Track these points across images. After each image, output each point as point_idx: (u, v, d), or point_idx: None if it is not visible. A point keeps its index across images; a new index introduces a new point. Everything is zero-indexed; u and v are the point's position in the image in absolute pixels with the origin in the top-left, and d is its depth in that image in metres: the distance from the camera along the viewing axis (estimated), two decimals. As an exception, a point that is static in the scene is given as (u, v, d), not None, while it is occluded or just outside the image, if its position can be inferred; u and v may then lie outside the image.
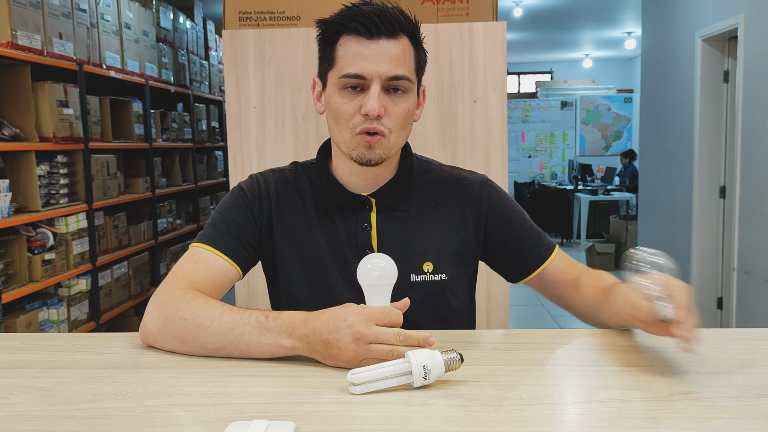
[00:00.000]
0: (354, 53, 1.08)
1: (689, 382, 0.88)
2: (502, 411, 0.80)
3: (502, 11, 6.83)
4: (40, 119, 3.09)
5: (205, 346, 1.00)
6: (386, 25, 1.07)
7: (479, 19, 2.07)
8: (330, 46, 1.12)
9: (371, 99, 1.07)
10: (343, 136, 1.12)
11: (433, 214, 1.20)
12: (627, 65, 11.24)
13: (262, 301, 1.92)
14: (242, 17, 2.07)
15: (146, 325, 1.05)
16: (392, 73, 1.08)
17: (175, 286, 1.08)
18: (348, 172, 1.19)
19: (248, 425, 0.73)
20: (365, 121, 1.09)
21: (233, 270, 1.15)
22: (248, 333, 0.97)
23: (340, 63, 1.09)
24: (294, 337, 0.95)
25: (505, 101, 2.03)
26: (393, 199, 1.19)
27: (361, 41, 1.08)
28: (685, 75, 4.49)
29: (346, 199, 1.18)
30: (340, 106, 1.10)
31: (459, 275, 1.21)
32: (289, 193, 1.21)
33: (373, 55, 1.07)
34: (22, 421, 0.79)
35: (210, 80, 5.74)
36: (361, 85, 1.09)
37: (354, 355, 0.90)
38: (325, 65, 1.14)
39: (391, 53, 1.08)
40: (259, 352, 0.97)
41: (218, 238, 1.15)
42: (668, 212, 4.85)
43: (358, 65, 1.07)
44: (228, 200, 1.21)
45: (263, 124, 2.03)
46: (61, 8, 3.25)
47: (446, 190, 1.23)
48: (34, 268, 3.02)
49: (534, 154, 10.37)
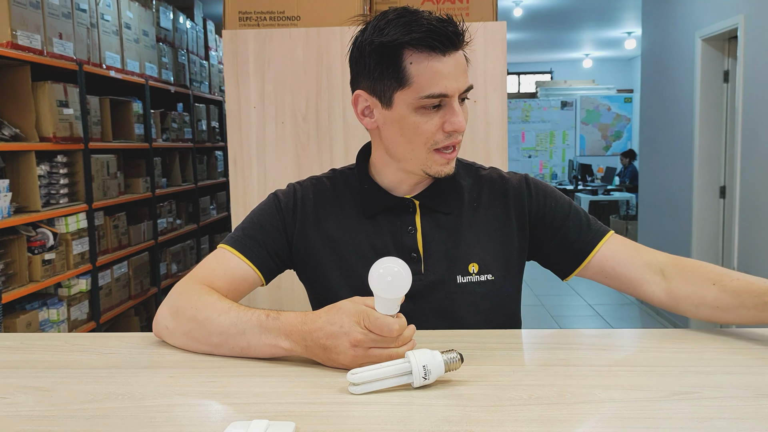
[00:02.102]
0: (434, 72, 1.04)
1: (689, 382, 0.88)
2: (502, 411, 0.80)
3: (502, 11, 6.83)
4: (40, 119, 3.09)
5: (210, 339, 1.00)
6: (459, 37, 1.06)
7: (479, 19, 2.07)
8: (393, 62, 1.06)
9: (458, 116, 1.06)
10: (417, 154, 1.10)
11: (476, 216, 1.20)
12: (627, 65, 11.24)
13: (262, 300, 1.93)
14: (242, 17, 2.07)
15: (159, 314, 1.08)
16: (466, 86, 1.08)
17: (192, 281, 1.10)
18: (396, 179, 1.18)
19: (248, 425, 0.73)
20: (448, 137, 1.08)
21: (254, 275, 1.16)
22: (249, 331, 0.97)
23: (418, 83, 1.05)
24: (292, 339, 0.95)
25: (505, 101, 2.03)
26: (437, 201, 1.19)
27: (436, 57, 1.04)
28: (685, 75, 4.49)
29: (390, 203, 1.18)
30: (420, 125, 1.07)
31: (506, 275, 1.20)
32: (328, 200, 1.21)
33: (452, 72, 1.05)
34: (22, 421, 0.79)
35: (210, 80, 5.74)
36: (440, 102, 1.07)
37: (353, 359, 0.91)
38: (390, 84, 1.07)
39: (462, 66, 1.07)
40: (259, 352, 0.98)
41: (245, 242, 1.16)
42: (668, 212, 4.85)
43: (441, 85, 1.04)
44: (262, 206, 1.22)
45: (263, 124, 2.03)
46: (61, 8, 3.25)
47: (488, 190, 1.22)
48: (34, 268, 3.02)
49: (534, 154, 10.38)
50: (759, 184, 3.55)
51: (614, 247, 1.17)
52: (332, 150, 2.02)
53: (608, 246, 1.18)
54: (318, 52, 2.02)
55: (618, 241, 1.19)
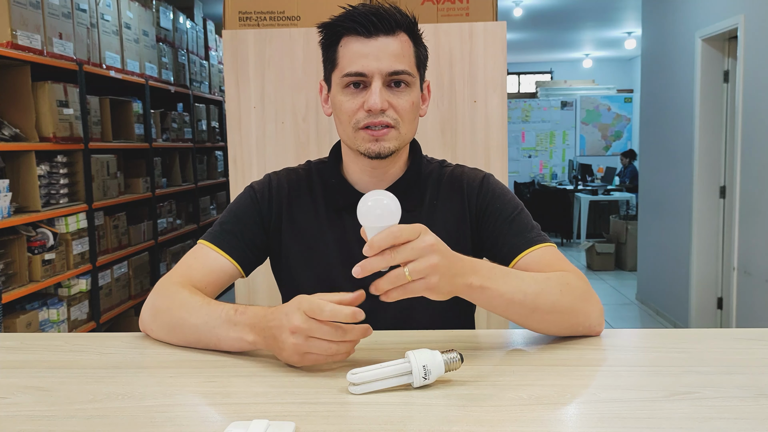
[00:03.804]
0: (354, 52, 1.11)
1: (689, 382, 0.88)
2: (502, 411, 0.80)
3: (502, 11, 6.83)
4: (40, 119, 3.09)
5: (186, 337, 1.04)
6: (383, 22, 1.10)
7: (479, 19, 2.07)
8: (332, 48, 1.15)
9: (373, 95, 1.09)
10: (347, 133, 1.14)
11: (435, 212, 1.22)
12: (627, 65, 11.24)
13: (262, 299, 1.92)
14: (242, 17, 2.07)
15: (142, 316, 1.12)
16: (392, 68, 1.10)
17: (171, 279, 1.13)
18: (358, 170, 1.21)
19: (248, 425, 0.73)
20: (368, 116, 1.11)
21: (233, 268, 1.18)
22: (218, 327, 1.00)
23: (341, 63, 1.12)
24: (255, 333, 0.96)
25: (505, 101, 2.03)
26: (401, 198, 1.18)
27: (361, 40, 1.11)
28: (685, 75, 4.49)
29: (355, 200, 1.18)
30: (343, 104, 1.13)
31: None
32: (302, 192, 1.24)
33: (373, 53, 1.10)
34: (22, 421, 0.79)
35: (210, 80, 5.74)
36: (363, 82, 1.11)
37: (294, 349, 0.89)
38: (328, 67, 1.17)
39: (390, 49, 1.10)
40: (228, 346, 1.00)
41: (222, 236, 1.19)
42: (668, 212, 4.85)
43: (359, 63, 1.10)
44: (239, 199, 1.25)
45: (263, 124, 2.03)
46: (61, 8, 3.25)
47: (447, 186, 1.24)
48: (34, 268, 3.02)
49: (534, 154, 10.37)
50: (759, 184, 3.55)
51: (538, 259, 1.14)
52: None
53: (532, 256, 1.15)
54: (318, 52, 2.00)
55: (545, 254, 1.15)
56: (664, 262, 4.94)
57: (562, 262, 1.13)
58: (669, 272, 4.83)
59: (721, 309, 4.31)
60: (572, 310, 1.04)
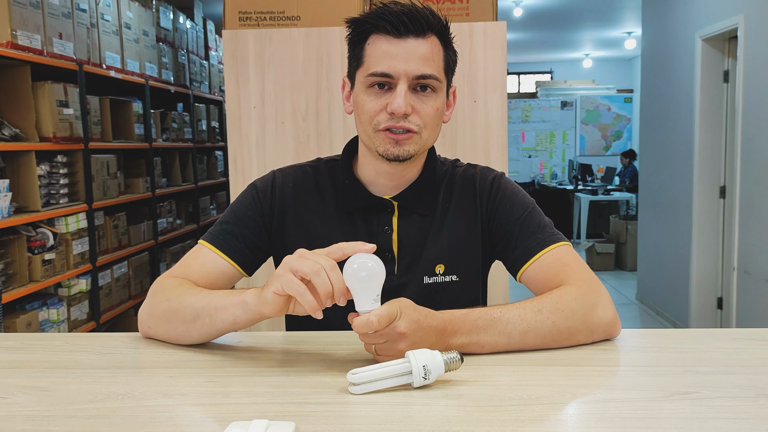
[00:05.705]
0: (382, 52, 1.07)
1: (689, 382, 0.88)
2: (502, 411, 0.80)
3: (502, 11, 6.83)
4: (40, 119, 3.09)
5: (185, 318, 1.03)
6: (414, 23, 1.07)
7: (479, 19, 2.07)
8: (359, 45, 1.11)
9: (398, 97, 1.06)
10: (367, 133, 1.12)
11: (447, 215, 1.20)
12: (627, 65, 11.24)
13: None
14: (242, 17, 2.07)
15: (140, 314, 1.12)
16: (420, 72, 1.07)
17: (168, 277, 1.13)
18: (374, 171, 1.18)
19: (248, 425, 0.73)
20: (390, 119, 1.08)
21: (233, 269, 1.16)
22: (217, 299, 1.01)
23: (367, 62, 1.09)
24: (255, 293, 0.97)
25: (505, 101, 2.03)
26: (415, 202, 1.19)
27: (390, 40, 1.07)
28: (685, 75, 4.49)
29: (368, 202, 1.18)
30: (365, 103, 1.10)
31: (470, 276, 1.20)
32: (309, 190, 1.21)
33: (401, 54, 1.07)
34: (22, 421, 0.79)
35: (210, 80, 5.74)
36: (388, 83, 1.08)
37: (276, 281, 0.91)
38: (353, 64, 1.14)
39: (420, 52, 1.07)
40: (228, 314, 1.00)
41: (222, 237, 1.17)
42: (668, 212, 4.85)
43: (385, 64, 1.07)
44: (240, 198, 1.22)
45: (263, 124, 2.03)
46: (61, 8, 3.25)
47: (460, 188, 1.22)
48: (34, 268, 3.02)
49: (534, 154, 10.37)
50: (759, 184, 3.55)
51: (547, 265, 1.12)
52: (332, 150, 2.02)
53: (543, 260, 1.12)
54: (318, 52, 2.02)
55: (555, 257, 1.12)
56: (664, 262, 4.94)
57: (569, 268, 1.10)
58: (669, 272, 4.83)
59: (721, 309, 4.31)
60: (569, 332, 1.01)
